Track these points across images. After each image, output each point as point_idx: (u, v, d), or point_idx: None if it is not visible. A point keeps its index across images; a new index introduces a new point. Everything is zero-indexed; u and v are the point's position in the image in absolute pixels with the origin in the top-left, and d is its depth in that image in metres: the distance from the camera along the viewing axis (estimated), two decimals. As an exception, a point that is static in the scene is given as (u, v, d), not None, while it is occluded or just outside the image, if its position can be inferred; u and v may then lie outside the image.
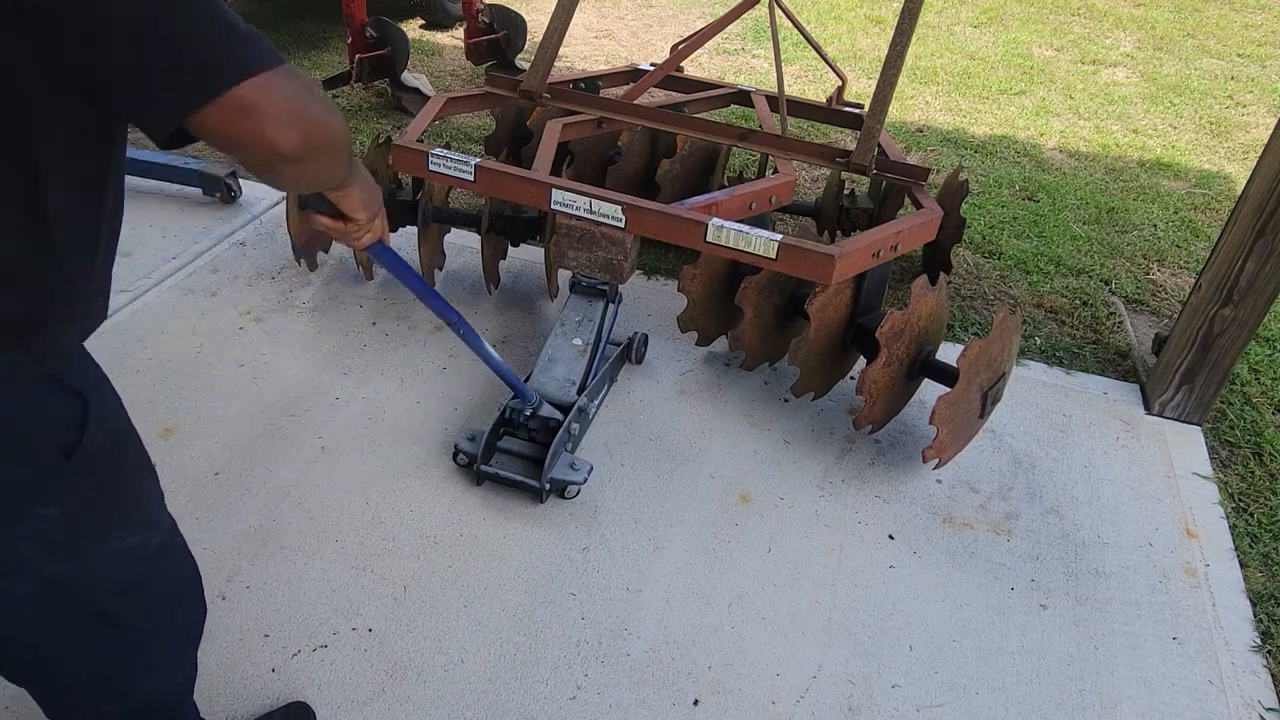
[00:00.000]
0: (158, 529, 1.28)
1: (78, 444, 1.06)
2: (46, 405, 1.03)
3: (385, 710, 1.79)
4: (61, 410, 1.05)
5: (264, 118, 0.87)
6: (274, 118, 0.87)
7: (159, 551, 1.28)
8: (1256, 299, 2.57)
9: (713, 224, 2.25)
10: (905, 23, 2.62)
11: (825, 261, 2.18)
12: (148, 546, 1.25)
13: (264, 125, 0.87)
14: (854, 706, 1.89)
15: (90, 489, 1.12)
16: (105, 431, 1.11)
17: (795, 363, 2.47)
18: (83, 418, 1.06)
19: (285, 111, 0.88)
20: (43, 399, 1.03)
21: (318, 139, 0.93)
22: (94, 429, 1.08)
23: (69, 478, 1.08)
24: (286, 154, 0.90)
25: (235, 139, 0.88)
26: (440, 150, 2.49)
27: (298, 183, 1.06)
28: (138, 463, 1.23)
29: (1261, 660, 2.08)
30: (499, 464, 2.30)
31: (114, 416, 1.16)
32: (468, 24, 4.99)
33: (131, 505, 1.22)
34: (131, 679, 1.35)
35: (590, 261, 2.44)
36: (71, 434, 1.06)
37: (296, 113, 0.89)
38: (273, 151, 0.89)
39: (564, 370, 2.45)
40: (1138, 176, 4.61)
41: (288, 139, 0.89)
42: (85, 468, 1.08)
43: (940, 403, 2.24)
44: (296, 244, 2.95)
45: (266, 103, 0.87)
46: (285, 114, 0.88)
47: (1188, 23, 7.47)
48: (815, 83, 5.50)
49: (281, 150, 0.89)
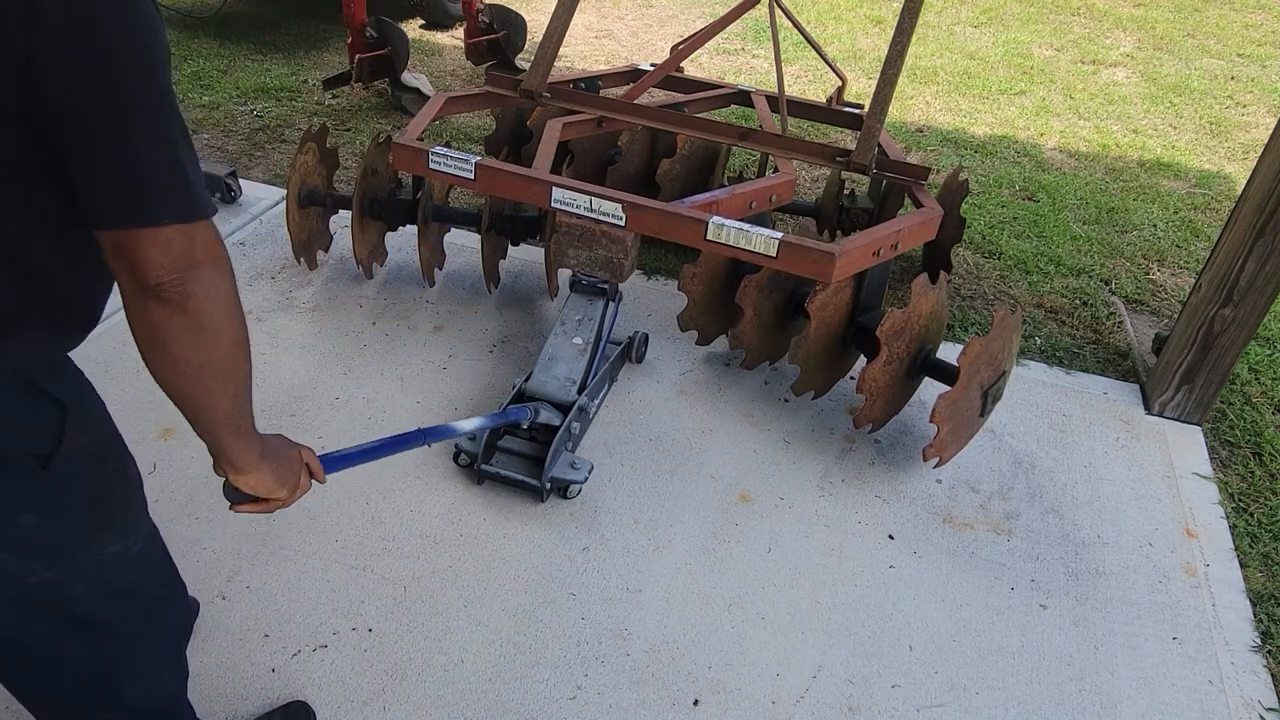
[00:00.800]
0: (138, 536, 1.27)
1: (54, 451, 1.04)
2: (21, 413, 1.02)
3: (385, 710, 1.79)
4: (37, 418, 1.03)
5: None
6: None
7: (140, 558, 1.27)
8: (1256, 299, 2.57)
9: (713, 222, 2.25)
10: (905, 22, 2.62)
11: (825, 259, 2.18)
12: (128, 554, 1.24)
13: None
14: (854, 706, 1.89)
15: (69, 497, 1.10)
16: (84, 438, 1.09)
17: (795, 361, 2.47)
18: (60, 425, 1.05)
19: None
20: (16, 407, 1.01)
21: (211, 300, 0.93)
22: (72, 436, 1.06)
23: (46, 486, 1.06)
24: (151, 280, 0.88)
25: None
26: (440, 149, 2.49)
27: (185, 376, 0.97)
28: (119, 469, 1.22)
29: (1261, 660, 2.08)
30: (500, 463, 2.30)
31: (95, 423, 1.14)
32: (468, 24, 5.00)
33: (112, 512, 1.21)
34: (124, 684, 1.34)
35: (590, 260, 2.44)
36: (48, 442, 1.04)
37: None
38: (141, 269, 0.88)
39: (564, 369, 2.45)
40: (1138, 176, 4.61)
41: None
42: (64, 475, 1.07)
43: (940, 401, 2.24)
44: (296, 244, 2.95)
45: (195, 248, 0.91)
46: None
47: (1188, 23, 7.47)
48: (815, 82, 5.50)
49: (147, 271, 0.88)
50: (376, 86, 4.71)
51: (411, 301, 3.04)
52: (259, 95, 4.63)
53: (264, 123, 4.34)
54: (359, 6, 4.34)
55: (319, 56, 5.28)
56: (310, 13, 5.89)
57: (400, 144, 2.55)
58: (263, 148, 4.11)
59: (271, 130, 4.28)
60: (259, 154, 4.05)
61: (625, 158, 3.30)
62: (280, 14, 5.88)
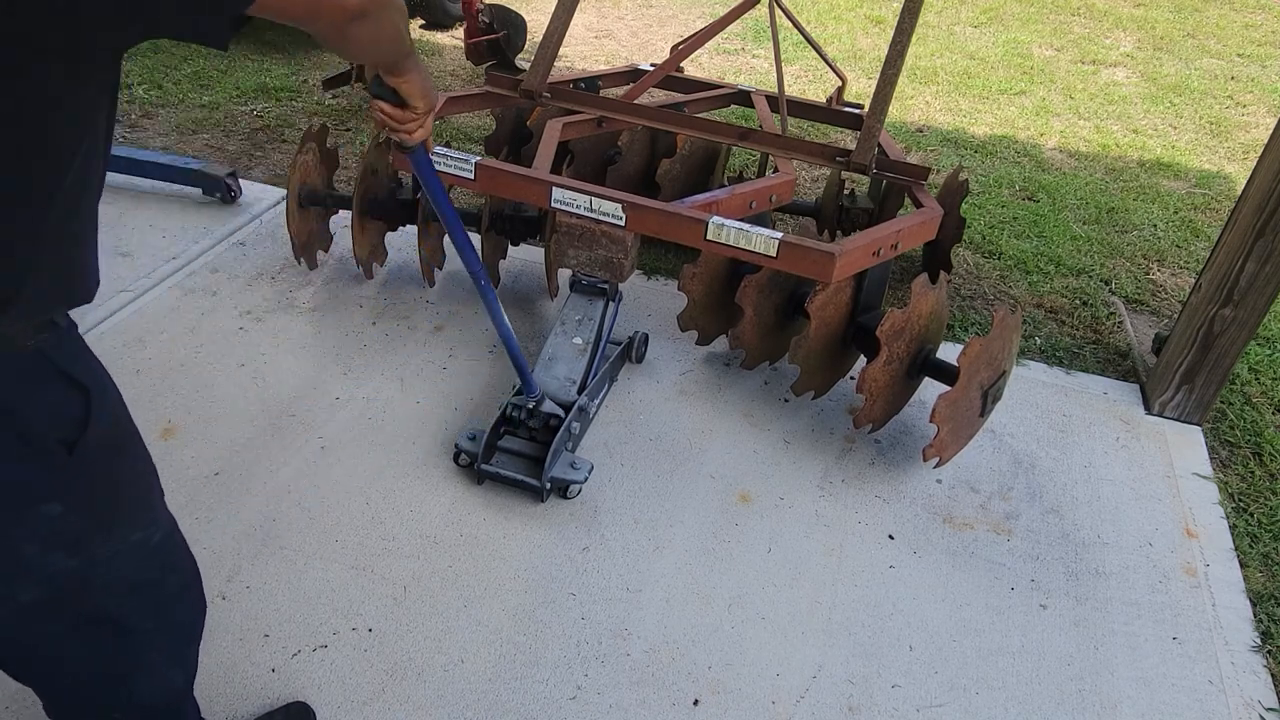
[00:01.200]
0: (159, 525, 1.28)
1: (80, 437, 1.05)
2: (47, 396, 1.02)
3: (385, 710, 1.79)
4: (63, 402, 1.03)
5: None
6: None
7: (161, 548, 1.28)
8: (1256, 299, 2.57)
9: (713, 222, 2.25)
10: (905, 22, 2.63)
11: (825, 259, 2.18)
12: (149, 543, 1.25)
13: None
14: (854, 706, 1.89)
15: (93, 484, 1.11)
16: (107, 425, 1.10)
17: (795, 361, 2.47)
18: (85, 410, 1.05)
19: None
20: (44, 390, 1.01)
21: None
22: (96, 422, 1.06)
23: (71, 473, 1.06)
24: (353, 9, 1.03)
25: (306, 5, 1.01)
26: (441, 149, 2.49)
27: (365, 46, 1.16)
28: (139, 457, 1.23)
29: (1261, 660, 2.08)
30: (500, 463, 2.30)
31: (116, 409, 1.15)
32: (468, 24, 4.99)
33: (134, 501, 1.22)
34: (133, 679, 1.34)
35: (590, 260, 2.44)
36: (74, 427, 1.04)
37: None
38: (341, 9, 1.03)
39: (564, 369, 2.45)
40: (1138, 176, 4.61)
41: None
42: (88, 462, 1.07)
43: (941, 401, 2.24)
44: (296, 243, 2.95)
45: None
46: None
47: (1188, 23, 7.47)
48: (815, 83, 5.50)
49: (349, 6, 1.03)
50: (376, 86, 4.70)
51: (411, 301, 3.04)
52: (259, 95, 4.63)
53: (264, 123, 4.34)
54: (359, 6, 4.33)
55: (319, 56, 5.28)
56: (310, 13, 5.88)
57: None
58: (263, 148, 4.11)
59: (271, 130, 4.28)
60: (259, 154, 4.05)
61: (625, 158, 3.30)
62: (280, 14, 5.87)
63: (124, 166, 3.54)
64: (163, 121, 4.28)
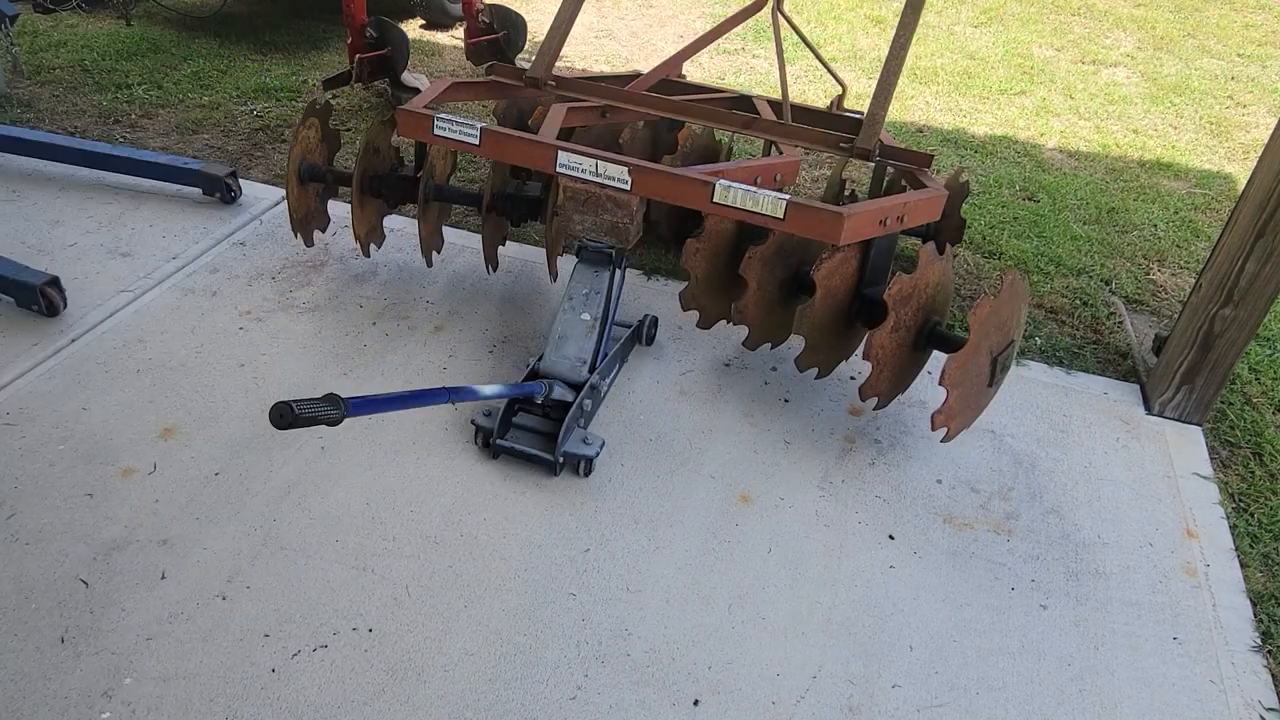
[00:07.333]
0: None
1: None
2: None
3: (385, 710, 1.79)
4: None
5: None
6: None
7: None
8: (1256, 299, 2.57)
9: (720, 184, 2.22)
10: (909, 16, 2.62)
11: (834, 220, 2.15)
12: None
13: None
14: (854, 706, 1.89)
15: None
16: None
17: (800, 332, 2.42)
18: None
19: None
20: None
21: None
22: None
23: None
24: None
25: None
26: (445, 114, 2.47)
27: None
28: None
29: (1262, 660, 2.08)
30: (514, 438, 2.35)
31: None
32: (468, 24, 4.99)
33: None
34: None
35: (596, 225, 2.42)
36: None
37: None
38: None
39: (574, 349, 2.47)
40: (1138, 176, 4.61)
41: None
42: None
43: (950, 363, 2.20)
44: (294, 218, 2.94)
45: None
46: None
47: (1188, 23, 7.47)
48: (815, 83, 5.50)
49: None
50: (376, 87, 4.71)
51: (411, 301, 3.04)
52: (259, 95, 4.63)
53: (264, 123, 4.34)
54: (359, 7, 4.34)
55: (319, 56, 5.28)
56: (310, 13, 5.89)
57: (405, 110, 2.53)
58: (263, 148, 4.11)
59: (271, 130, 4.28)
60: (259, 154, 4.05)
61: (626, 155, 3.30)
62: (280, 14, 5.88)
63: (124, 166, 3.54)
64: (163, 121, 4.28)
